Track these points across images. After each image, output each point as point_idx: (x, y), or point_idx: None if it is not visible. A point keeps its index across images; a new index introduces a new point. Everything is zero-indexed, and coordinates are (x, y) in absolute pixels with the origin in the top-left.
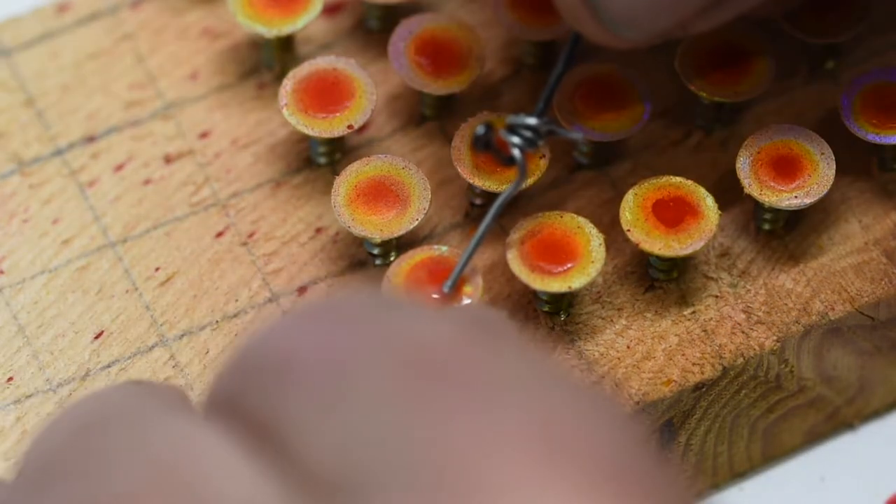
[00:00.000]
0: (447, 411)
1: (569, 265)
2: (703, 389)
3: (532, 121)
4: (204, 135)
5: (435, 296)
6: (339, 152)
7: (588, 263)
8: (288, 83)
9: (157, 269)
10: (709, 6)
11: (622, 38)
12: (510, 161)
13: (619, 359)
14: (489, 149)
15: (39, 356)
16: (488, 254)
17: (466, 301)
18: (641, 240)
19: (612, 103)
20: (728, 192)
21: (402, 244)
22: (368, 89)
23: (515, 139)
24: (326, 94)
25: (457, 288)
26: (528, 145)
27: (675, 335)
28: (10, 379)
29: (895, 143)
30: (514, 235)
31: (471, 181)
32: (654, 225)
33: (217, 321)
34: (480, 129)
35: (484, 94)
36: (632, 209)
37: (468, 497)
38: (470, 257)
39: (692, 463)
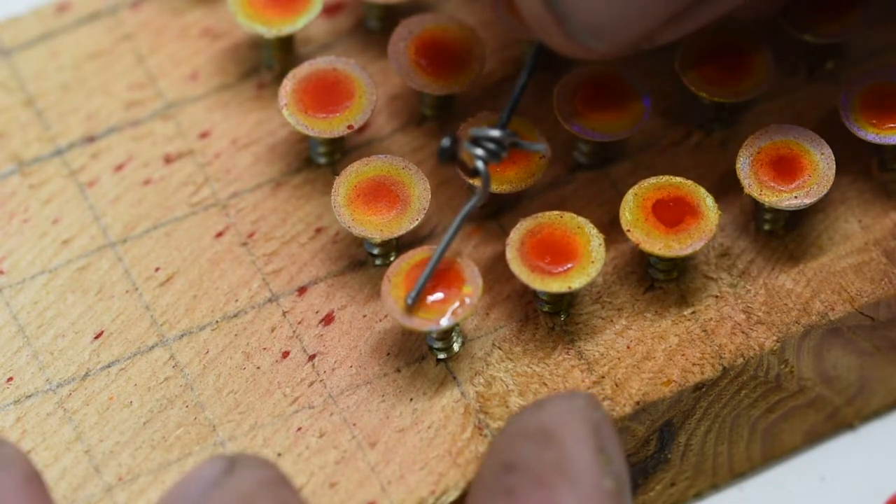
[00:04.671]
0: None
1: (569, 265)
2: (703, 389)
3: (495, 133)
4: (204, 135)
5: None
6: (339, 152)
7: (588, 263)
8: (288, 83)
9: (157, 269)
10: (675, 17)
11: (589, 48)
12: (475, 173)
13: (619, 359)
14: (455, 161)
15: (39, 356)
16: (488, 254)
17: (468, 301)
18: (641, 240)
19: (612, 103)
20: (728, 192)
21: (402, 244)
22: (368, 89)
23: (479, 151)
24: (326, 94)
25: (420, 301)
26: (492, 157)
27: (675, 335)
28: (10, 379)
29: (895, 143)
30: (514, 235)
31: (470, 182)
32: (654, 225)
33: (217, 321)
34: (445, 142)
35: (484, 94)
36: (632, 209)
37: None
38: (433, 270)
39: (692, 463)
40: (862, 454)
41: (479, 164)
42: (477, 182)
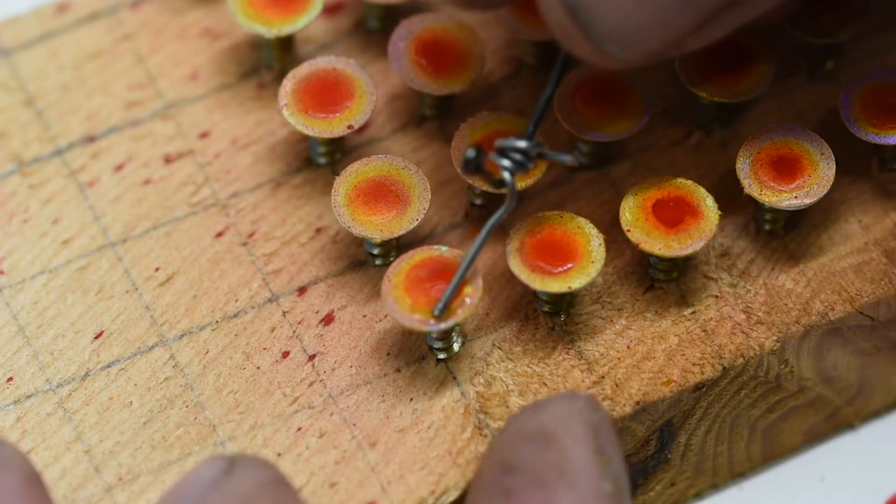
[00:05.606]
0: None
1: (569, 265)
2: (703, 389)
3: (522, 144)
4: (204, 135)
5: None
6: (339, 152)
7: (588, 263)
8: (288, 83)
9: (157, 269)
10: (702, 24)
11: (615, 58)
12: (500, 184)
13: (619, 359)
14: (480, 172)
15: (39, 356)
16: (488, 254)
17: (468, 301)
18: (641, 240)
19: (612, 104)
20: (728, 192)
21: (402, 244)
22: (368, 89)
23: (505, 162)
24: (326, 94)
25: (448, 312)
26: (518, 168)
27: (675, 335)
28: (10, 379)
29: (895, 143)
30: (514, 235)
31: (470, 182)
32: (654, 225)
33: (217, 321)
34: (471, 153)
35: (484, 94)
36: (632, 209)
37: None
38: (461, 280)
39: (692, 463)
40: (862, 454)
41: (506, 176)
42: (481, 183)
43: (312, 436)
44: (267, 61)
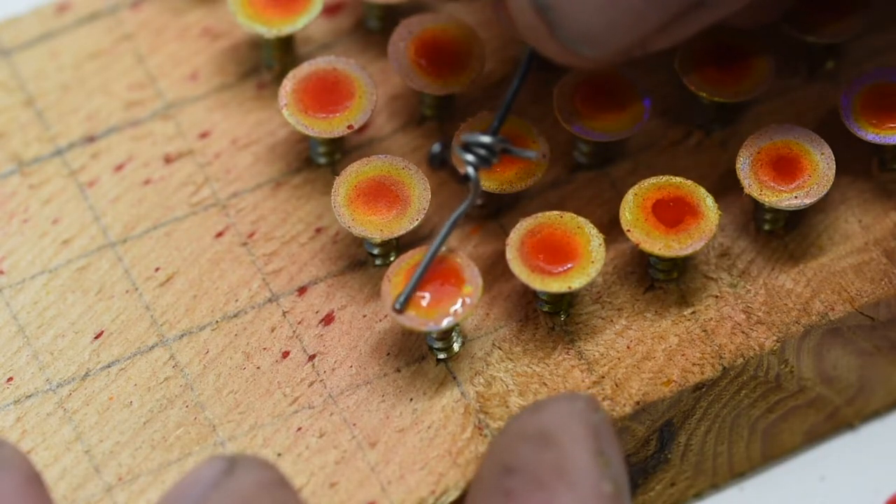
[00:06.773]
0: None
1: (569, 265)
2: (703, 389)
3: (486, 139)
4: (204, 135)
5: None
6: (339, 152)
7: (588, 263)
8: (288, 83)
9: (157, 269)
10: (668, 24)
11: (582, 56)
12: (465, 179)
13: (619, 359)
14: (445, 166)
15: (39, 356)
16: (488, 254)
17: (468, 300)
18: (641, 240)
19: (612, 103)
20: (728, 192)
21: (402, 244)
22: (368, 89)
23: (469, 157)
24: (326, 94)
25: (407, 305)
26: (483, 163)
27: (675, 335)
28: (10, 379)
29: (895, 143)
30: (514, 235)
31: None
32: (654, 225)
33: (217, 321)
34: (436, 148)
35: (484, 94)
36: (632, 209)
37: None
38: (422, 275)
39: (692, 463)
40: (862, 454)
41: (470, 171)
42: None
43: (312, 436)
44: (267, 61)
